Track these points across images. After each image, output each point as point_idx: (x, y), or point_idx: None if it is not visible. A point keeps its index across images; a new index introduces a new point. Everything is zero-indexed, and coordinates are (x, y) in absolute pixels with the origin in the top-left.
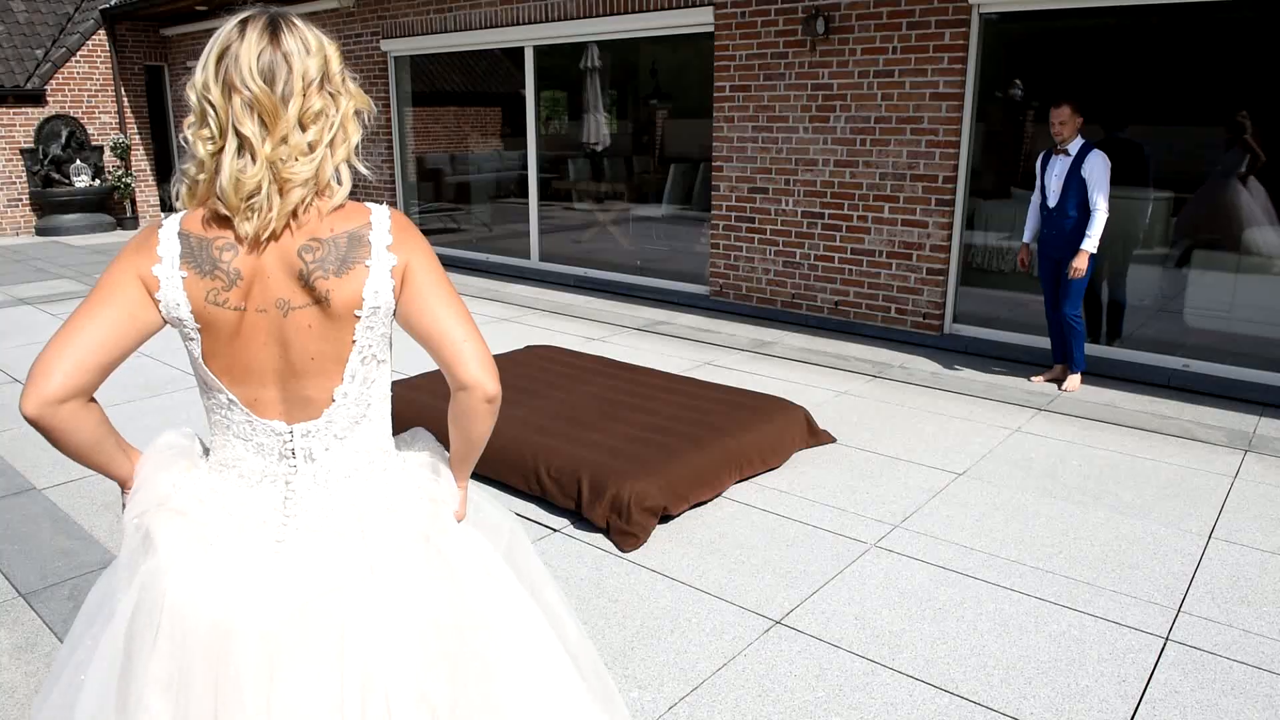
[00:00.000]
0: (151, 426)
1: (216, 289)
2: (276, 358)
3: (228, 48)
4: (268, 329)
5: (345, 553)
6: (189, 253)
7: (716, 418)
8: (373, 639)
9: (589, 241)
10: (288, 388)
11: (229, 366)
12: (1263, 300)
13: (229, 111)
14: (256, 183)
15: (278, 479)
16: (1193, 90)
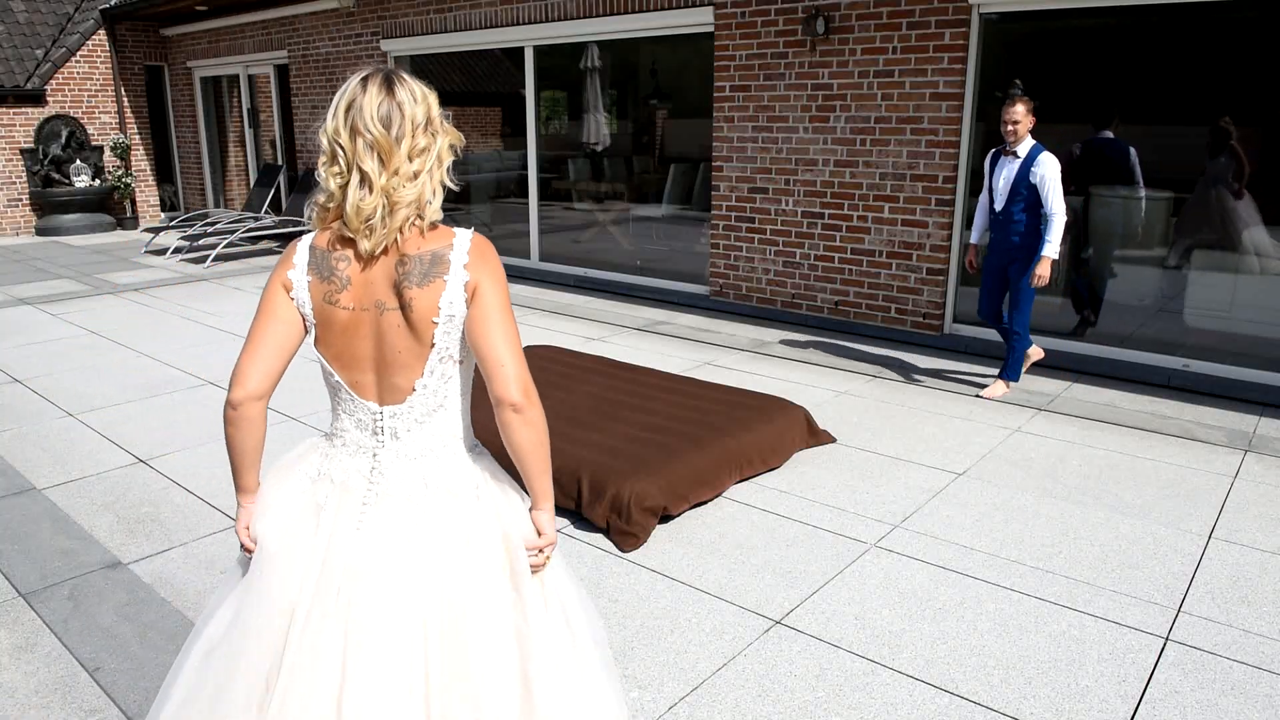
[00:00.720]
0: (151, 426)
1: (331, 291)
2: (373, 350)
3: (354, 100)
4: (368, 326)
5: (408, 522)
6: (314, 263)
7: (716, 418)
8: (413, 595)
9: (589, 241)
10: (382, 375)
11: (339, 354)
12: (1257, 300)
13: (354, 151)
14: (373, 208)
15: (368, 451)
16: (1193, 90)
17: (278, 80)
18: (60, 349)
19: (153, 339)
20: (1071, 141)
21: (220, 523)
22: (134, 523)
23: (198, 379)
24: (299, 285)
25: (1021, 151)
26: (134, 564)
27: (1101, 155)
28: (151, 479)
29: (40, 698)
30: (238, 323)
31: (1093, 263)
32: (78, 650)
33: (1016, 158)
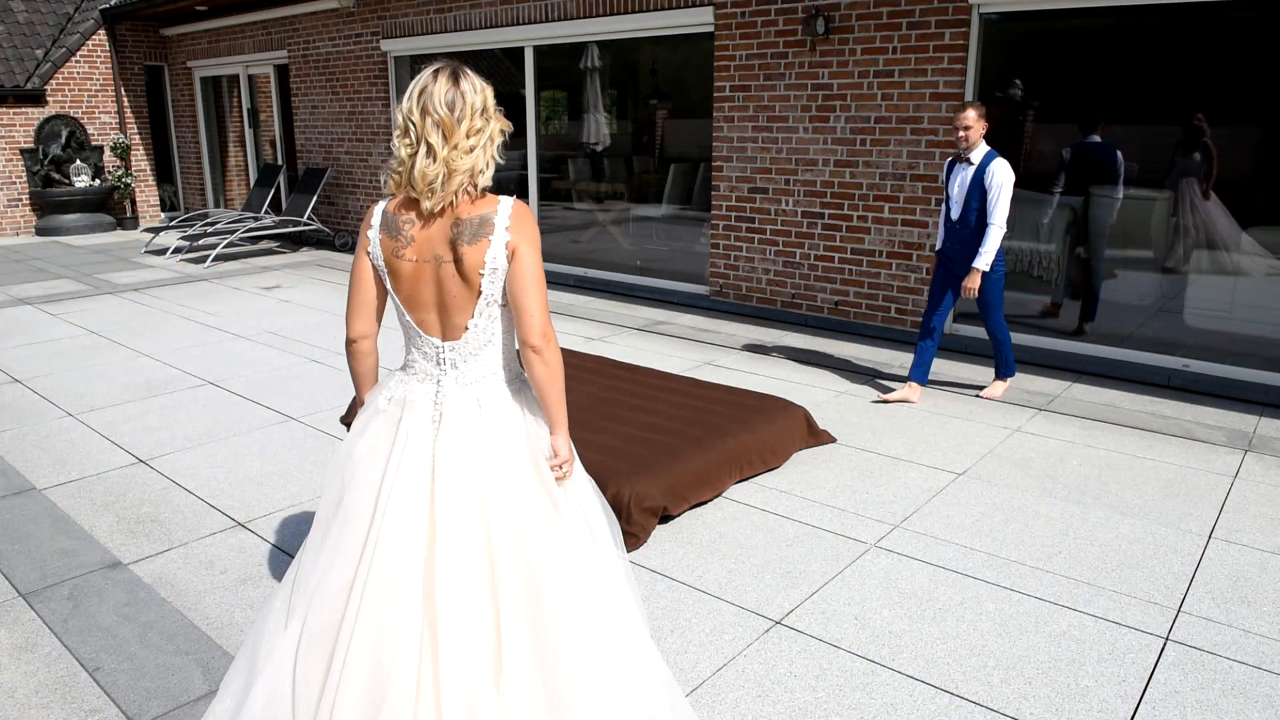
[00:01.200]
0: (151, 426)
1: (398, 246)
2: (434, 294)
3: (426, 87)
4: (429, 275)
5: (469, 434)
6: (385, 223)
7: (716, 418)
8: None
9: (589, 241)
10: (442, 316)
11: (408, 298)
12: (1222, 298)
13: (423, 127)
14: (435, 174)
15: (433, 378)
16: (1193, 90)
17: (278, 80)
18: (60, 349)
19: (153, 339)
20: (1069, 142)
21: (220, 523)
22: (134, 523)
23: (198, 379)
24: (374, 242)
25: (975, 158)
26: (134, 564)
27: (1091, 159)
28: (151, 479)
29: (40, 698)
30: (238, 322)
31: (1089, 262)
32: (78, 650)
33: (970, 164)
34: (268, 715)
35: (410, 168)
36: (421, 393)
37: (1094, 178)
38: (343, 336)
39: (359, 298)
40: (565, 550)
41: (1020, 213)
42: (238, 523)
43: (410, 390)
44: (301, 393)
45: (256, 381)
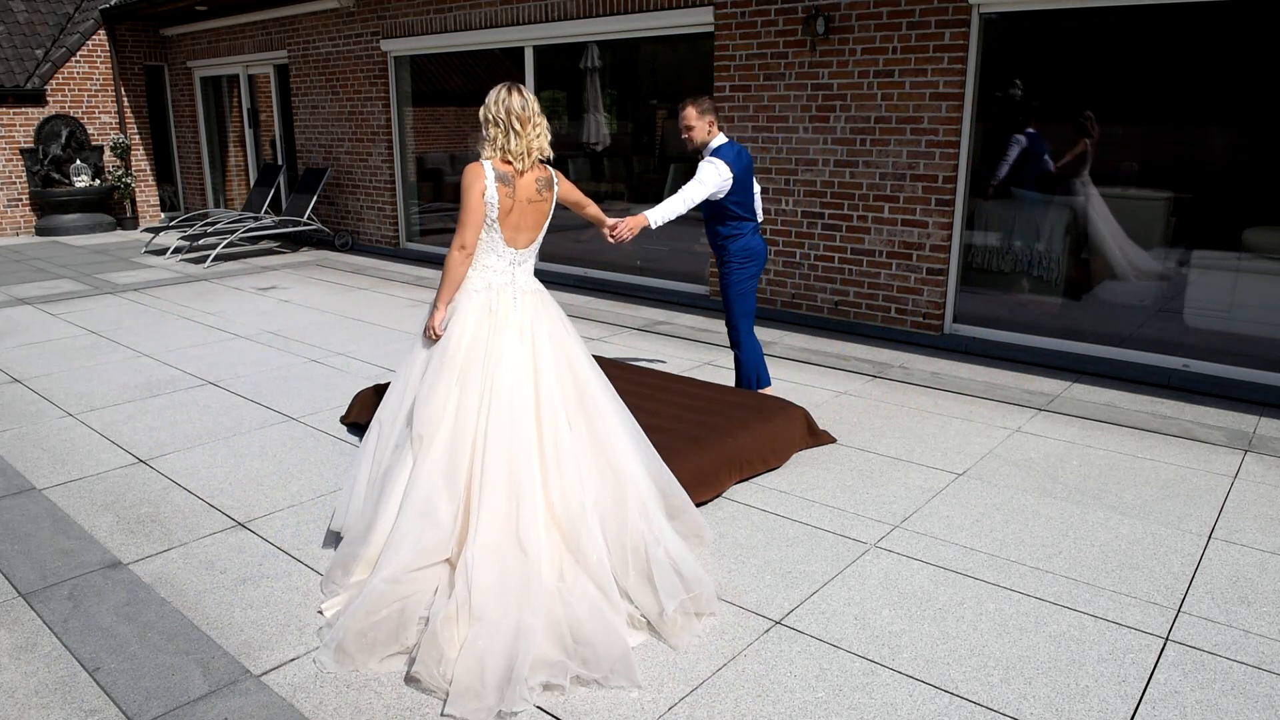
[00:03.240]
0: (151, 426)
1: (508, 192)
2: (522, 222)
3: (506, 98)
4: (520, 210)
5: (539, 304)
6: (499, 176)
7: (716, 418)
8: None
9: (589, 241)
10: (521, 234)
11: (510, 225)
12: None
13: (510, 119)
14: (521, 148)
15: (510, 273)
16: (1193, 90)
17: (278, 80)
18: (60, 349)
19: (153, 339)
20: (1068, 142)
21: (220, 523)
22: (134, 523)
23: (198, 379)
24: (490, 189)
25: (708, 154)
26: (134, 564)
27: (1029, 151)
28: (151, 479)
29: (40, 698)
30: (238, 322)
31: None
32: (78, 650)
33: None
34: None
35: (507, 145)
36: (504, 282)
37: (1028, 169)
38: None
39: (472, 227)
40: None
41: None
42: (238, 523)
43: (495, 280)
44: (301, 393)
45: (256, 381)
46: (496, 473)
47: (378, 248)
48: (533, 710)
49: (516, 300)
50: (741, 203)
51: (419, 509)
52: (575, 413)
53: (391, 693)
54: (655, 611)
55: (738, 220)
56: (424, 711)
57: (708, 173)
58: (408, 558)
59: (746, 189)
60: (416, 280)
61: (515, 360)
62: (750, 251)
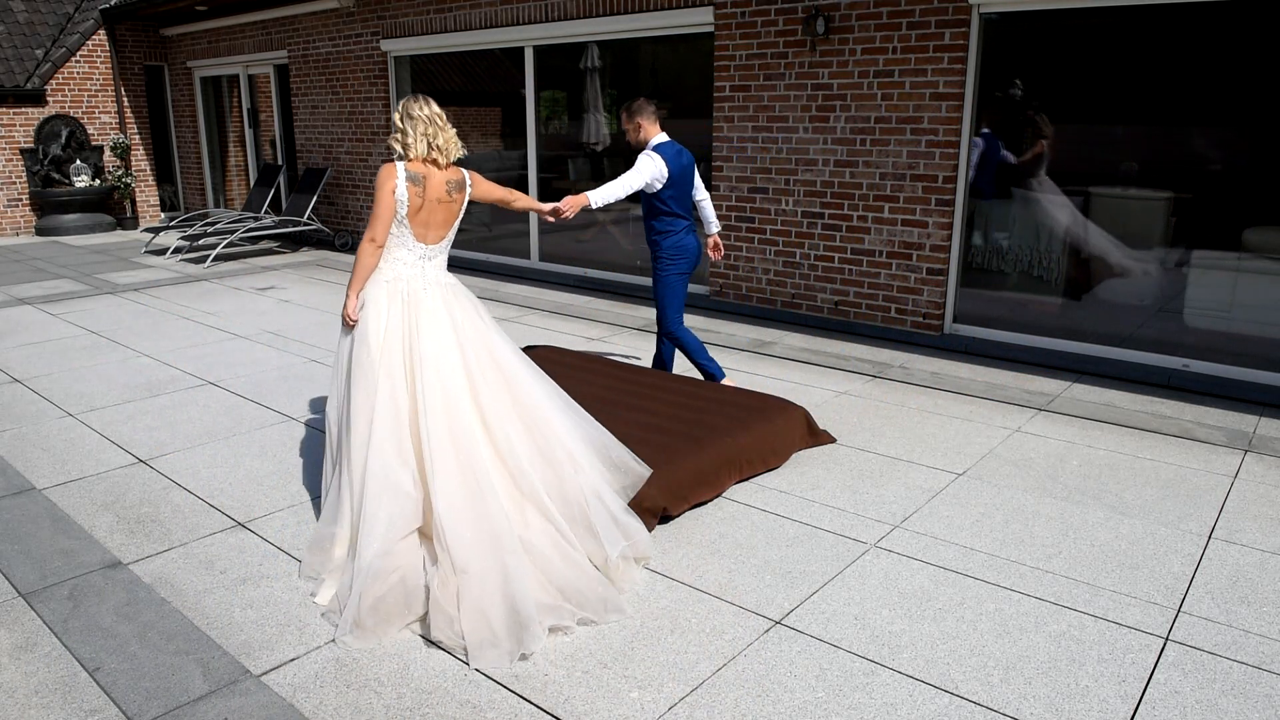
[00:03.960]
0: (151, 426)
1: (418, 191)
2: (432, 219)
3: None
4: (430, 208)
5: (451, 295)
6: (410, 176)
7: (716, 418)
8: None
9: (589, 241)
10: (432, 231)
11: (421, 222)
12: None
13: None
14: (445, 144)
15: (420, 267)
16: (1193, 90)
17: (278, 80)
18: (60, 349)
19: (153, 339)
20: (1068, 141)
21: (220, 523)
22: (134, 523)
23: (198, 379)
24: (400, 188)
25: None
26: (134, 564)
27: (985, 153)
28: (151, 479)
29: (40, 698)
30: (238, 322)
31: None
32: (78, 650)
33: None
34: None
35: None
36: (414, 274)
37: (986, 170)
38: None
39: (382, 221)
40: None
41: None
42: (238, 523)
43: (404, 274)
44: (301, 393)
45: (256, 381)
46: (441, 438)
47: None
48: (532, 710)
49: (427, 290)
50: (676, 198)
51: (381, 483)
52: (497, 383)
53: (391, 693)
54: (601, 559)
55: (671, 217)
56: (424, 711)
57: (644, 164)
58: (385, 529)
59: (682, 189)
60: None
61: (435, 335)
62: (680, 249)
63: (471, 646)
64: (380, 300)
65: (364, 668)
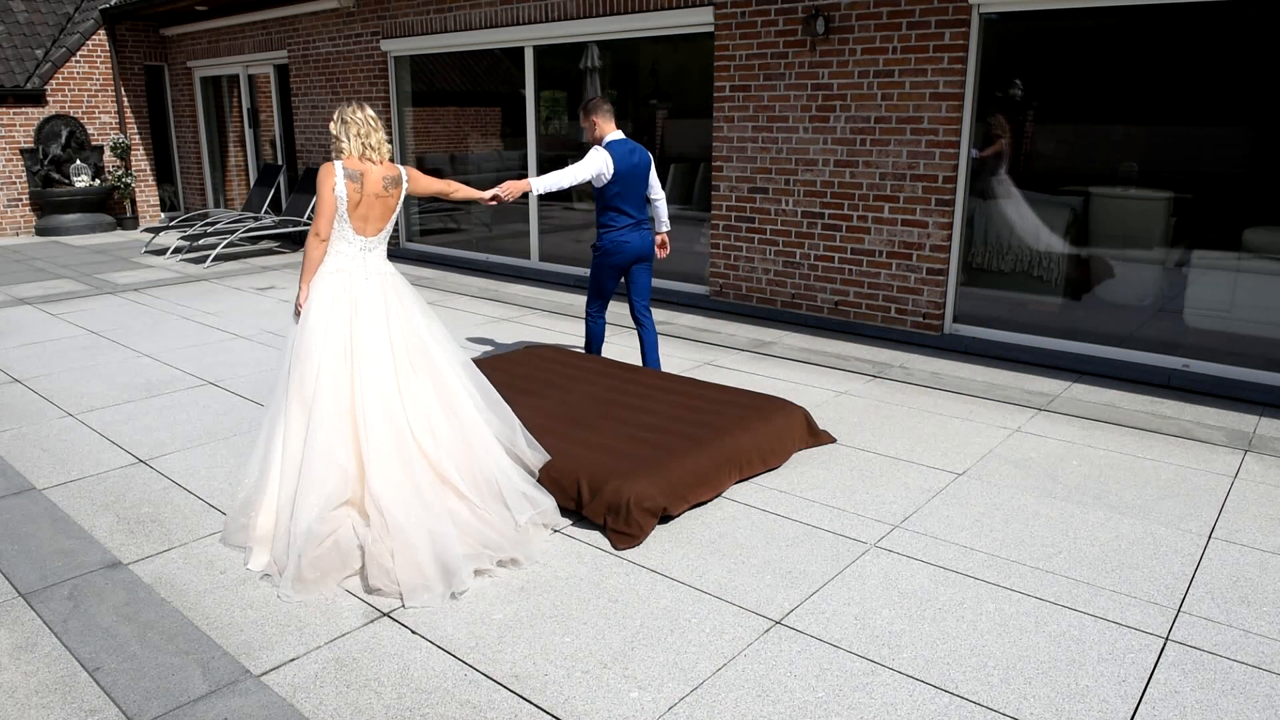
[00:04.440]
0: (151, 426)
1: (356, 188)
2: (370, 214)
3: (352, 109)
4: (369, 203)
5: (384, 285)
6: (348, 174)
7: (716, 418)
8: (404, 319)
9: (589, 241)
10: (371, 224)
11: (359, 216)
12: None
13: (357, 127)
14: (378, 143)
15: (361, 258)
16: (1193, 90)
17: (278, 80)
18: (60, 349)
19: (153, 339)
20: (1066, 140)
21: (220, 523)
22: (134, 523)
23: (198, 379)
24: (340, 185)
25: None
26: (134, 564)
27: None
28: (151, 479)
29: (40, 698)
30: (238, 322)
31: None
32: (78, 650)
33: None
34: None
35: (353, 145)
36: (356, 266)
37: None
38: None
39: (325, 216)
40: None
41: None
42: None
43: (347, 265)
44: None
45: (256, 381)
46: (377, 419)
47: None
48: (532, 710)
49: (368, 280)
50: (621, 195)
51: (323, 459)
52: (423, 370)
53: (391, 693)
54: (511, 526)
55: (615, 213)
56: (424, 711)
57: (592, 157)
58: (324, 500)
59: (631, 187)
60: (416, 280)
61: (373, 323)
62: (618, 244)
63: (406, 591)
64: (325, 294)
65: (364, 668)
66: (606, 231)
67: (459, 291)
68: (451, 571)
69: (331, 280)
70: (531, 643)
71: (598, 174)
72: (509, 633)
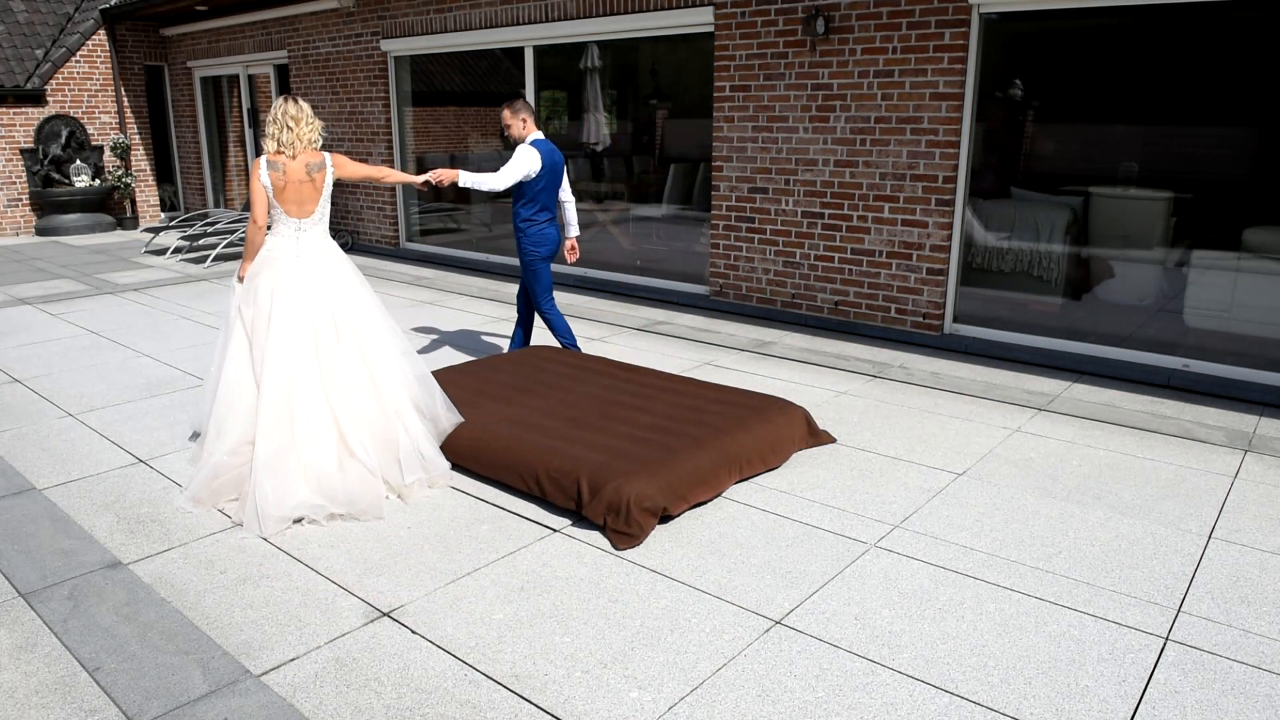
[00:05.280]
0: (151, 426)
1: (278, 176)
2: (299, 197)
3: (282, 105)
4: (295, 189)
5: (319, 262)
6: (270, 166)
7: (716, 418)
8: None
9: (589, 241)
10: (302, 207)
11: (287, 201)
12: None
13: (285, 119)
14: (291, 139)
15: (294, 238)
16: (1193, 90)
17: (278, 80)
18: (60, 349)
19: (153, 339)
20: (1066, 140)
21: (220, 523)
22: (134, 523)
23: (198, 379)
24: (264, 175)
25: None
26: (134, 564)
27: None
28: (151, 479)
29: (40, 698)
30: None
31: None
32: (78, 650)
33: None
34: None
35: (280, 140)
36: (289, 245)
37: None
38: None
39: (260, 205)
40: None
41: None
42: (238, 523)
43: (281, 245)
44: None
45: None
46: (275, 385)
47: (378, 247)
48: (532, 710)
49: (299, 258)
50: (545, 191)
51: (242, 405)
52: (349, 339)
53: (391, 693)
54: (400, 482)
55: (539, 209)
56: (424, 711)
57: (521, 156)
58: (237, 437)
59: (552, 184)
60: (416, 280)
61: (294, 302)
62: (544, 237)
63: (244, 523)
64: (260, 270)
65: (364, 667)
66: (532, 225)
67: (459, 291)
68: (270, 519)
69: (266, 256)
70: (531, 643)
71: (528, 173)
72: (509, 633)
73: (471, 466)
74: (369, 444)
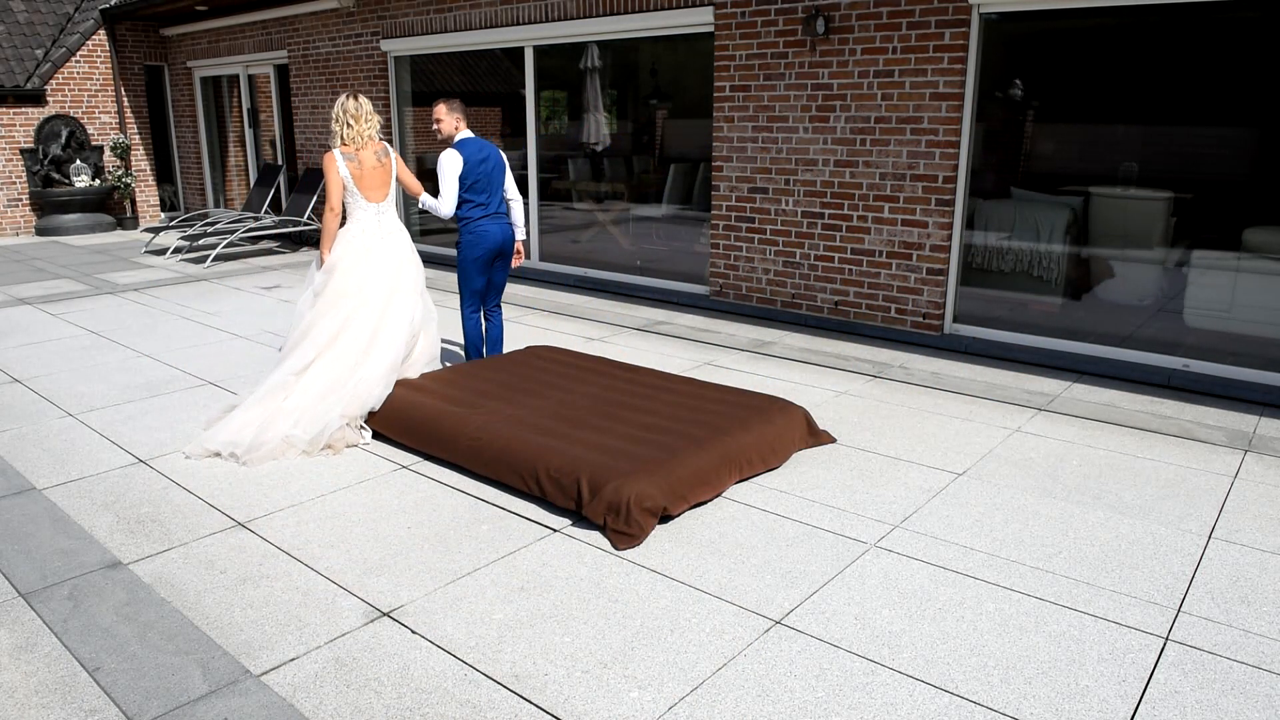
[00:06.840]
0: (151, 426)
1: (355, 165)
2: (373, 183)
3: (345, 102)
4: (370, 175)
5: (399, 245)
6: (346, 157)
7: (716, 418)
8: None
9: (589, 241)
10: (378, 192)
11: (365, 188)
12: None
13: (347, 116)
14: (353, 135)
15: (375, 220)
16: (1193, 90)
17: (278, 80)
18: (60, 349)
19: (153, 339)
20: (1066, 140)
21: (220, 523)
22: (134, 523)
23: (198, 379)
24: (342, 169)
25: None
26: (134, 564)
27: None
28: (151, 479)
29: (40, 698)
30: (238, 322)
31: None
32: (78, 650)
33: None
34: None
35: (346, 133)
36: (373, 226)
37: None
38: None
39: (336, 195)
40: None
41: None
42: (238, 523)
43: (365, 227)
44: None
45: (256, 382)
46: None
47: None
48: (532, 710)
49: (383, 239)
50: (475, 188)
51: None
52: (390, 309)
53: (391, 693)
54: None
55: (470, 206)
56: (424, 711)
57: (442, 167)
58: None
59: (483, 181)
60: None
61: (379, 281)
62: (478, 236)
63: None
64: (348, 253)
65: (364, 667)
66: (466, 223)
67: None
68: (255, 446)
69: (352, 239)
70: (531, 642)
71: (458, 176)
72: (509, 632)
73: (471, 466)
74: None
